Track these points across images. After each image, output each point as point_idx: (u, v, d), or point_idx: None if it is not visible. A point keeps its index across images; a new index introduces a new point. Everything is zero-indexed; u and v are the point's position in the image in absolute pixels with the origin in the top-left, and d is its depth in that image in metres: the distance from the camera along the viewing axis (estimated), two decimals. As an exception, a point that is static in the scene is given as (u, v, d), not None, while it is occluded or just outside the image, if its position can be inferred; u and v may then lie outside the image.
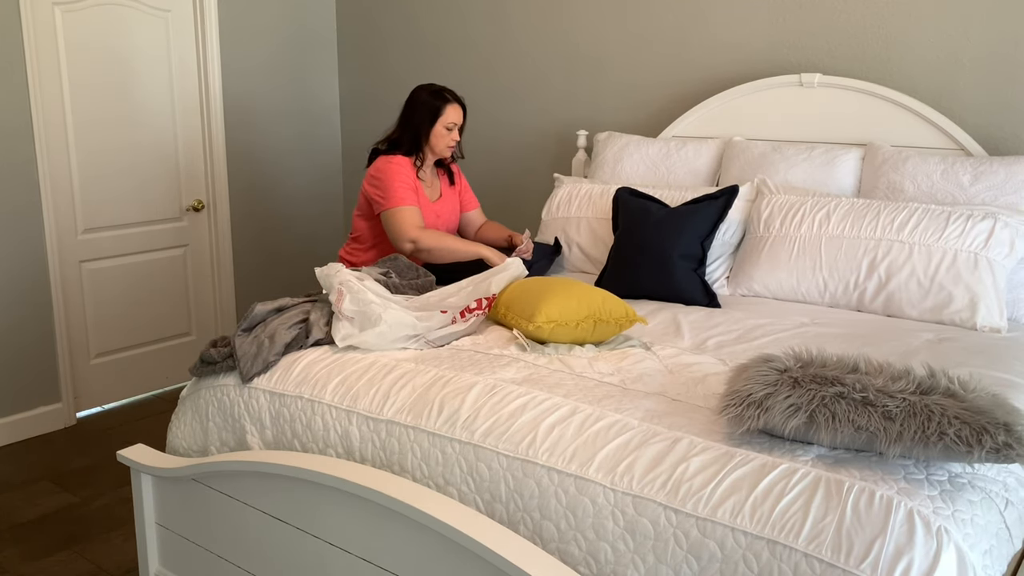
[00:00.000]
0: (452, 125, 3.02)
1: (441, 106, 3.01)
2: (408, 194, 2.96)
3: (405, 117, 3.05)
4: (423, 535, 1.70)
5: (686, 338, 2.38)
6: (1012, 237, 2.59)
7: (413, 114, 3.03)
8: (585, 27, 3.90)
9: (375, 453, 1.99)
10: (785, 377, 1.65)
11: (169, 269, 4.18)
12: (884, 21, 3.17)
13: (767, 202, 2.95)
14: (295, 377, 2.18)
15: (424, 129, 3.02)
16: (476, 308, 2.45)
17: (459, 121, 3.05)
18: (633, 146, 3.49)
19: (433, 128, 3.01)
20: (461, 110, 3.06)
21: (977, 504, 1.53)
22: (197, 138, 4.19)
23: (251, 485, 2.01)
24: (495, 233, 3.27)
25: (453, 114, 3.02)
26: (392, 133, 3.08)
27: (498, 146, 4.27)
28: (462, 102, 3.07)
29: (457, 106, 3.04)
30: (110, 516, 3.04)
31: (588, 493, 1.68)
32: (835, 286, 2.72)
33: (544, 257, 3.16)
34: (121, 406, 4.08)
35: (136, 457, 2.23)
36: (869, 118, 3.14)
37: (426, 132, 3.02)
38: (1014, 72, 2.96)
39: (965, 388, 1.57)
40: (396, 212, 2.94)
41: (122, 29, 3.84)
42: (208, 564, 2.16)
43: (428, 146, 3.05)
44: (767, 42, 3.43)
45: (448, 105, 3.01)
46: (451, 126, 3.02)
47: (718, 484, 1.58)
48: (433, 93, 3.03)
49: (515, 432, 1.82)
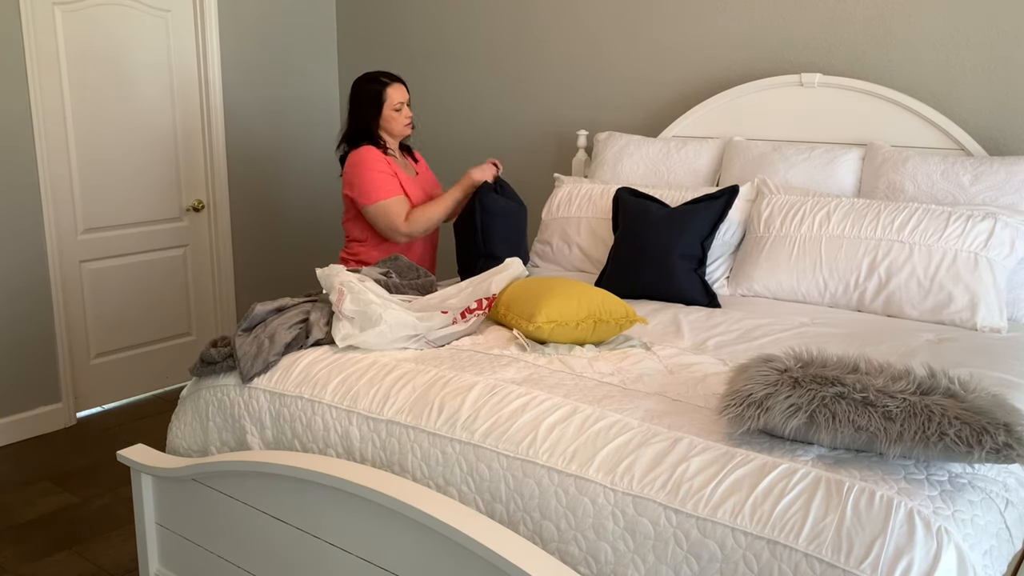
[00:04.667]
0: (399, 104, 3.04)
1: (382, 90, 3.03)
2: (387, 183, 2.97)
3: (352, 112, 3.08)
4: (423, 535, 1.70)
5: (686, 338, 2.38)
6: (1012, 237, 2.59)
7: (359, 107, 3.06)
8: (585, 27, 3.90)
9: (375, 453, 1.99)
10: (785, 377, 1.65)
11: (169, 269, 4.18)
12: (884, 21, 3.17)
13: (767, 202, 2.95)
14: (295, 377, 2.18)
15: (374, 118, 3.04)
16: (476, 308, 2.45)
17: (404, 99, 3.06)
18: (633, 146, 3.49)
19: (382, 114, 3.04)
20: (403, 87, 3.08)
21: (977, 504, 1.53)
22: (197, 138, 4.19)
23: (251, 485, 2.01)
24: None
25: (396, 94, 3.04)
26: (346, 132, 3.11)
27: (498, 146, 4.27)
28: (401, 79, 3.10)
29: (398, 85, 3.06)
30: (110, 516, 3.04)
31: (588, 493, 1.68)
32: (835, 286, 2.72)
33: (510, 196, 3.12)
34: (121, 406, 4.08)
35: (136, 457, 2.23)
36: (869, 118, 3.14)
37: (376, 120, 3.04)
38: (1014, 72, 2.96)
39: (965, 388, 1.57)
40: (380, 207, 2.97)
41: (122, 29, 3.84)
42: (208, 564, 2.16)
43: (385, 132, 3.08)
44: (767, 42, 3.43)
45: (388, 87, 3.03)
46: (399, 106, 3.04)
47: (718, 484, 1.58)
48: (371, 80, 3.06)
49: (515, 432, 1.82)
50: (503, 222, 3.01)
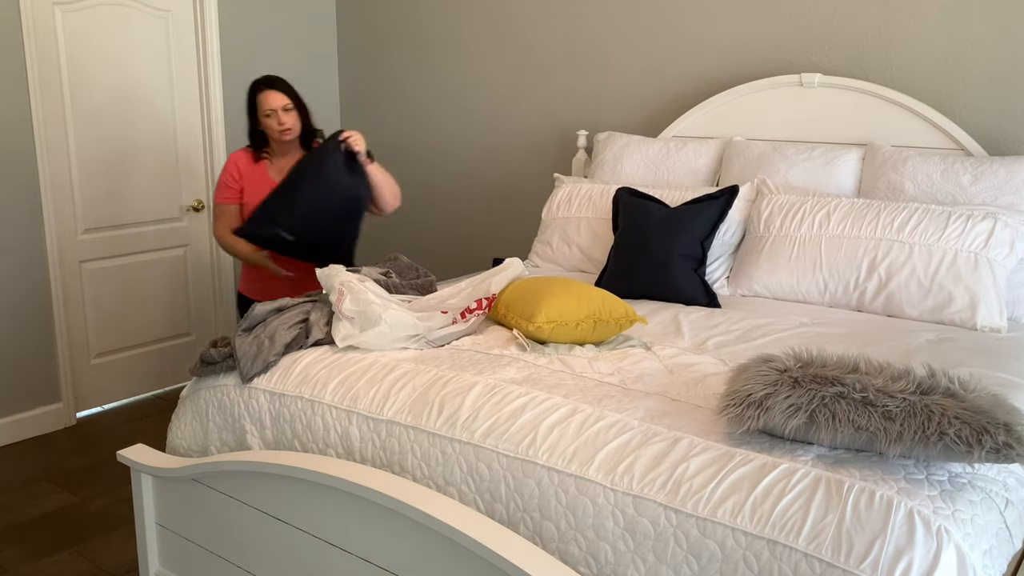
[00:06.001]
0: (269, 111, 2.96)
1: (254, 96, 3.00)
2: (223, 190, 3.06)
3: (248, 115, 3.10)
4: (423, 535, 1.70)
5: (686, 338, 2.38)
6: (1012, 237, 2.59)
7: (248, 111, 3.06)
8: (585, 27, 3.90)
9: (375, 453, 1.99)
10: (785, 377, 1.65)
11: (169, 269, 4.18)
12: (884, 21, 3.17)
13: (767, 202, 2.95)
14: (295, 377, 2.18)
15: (254, 123, 3.04)
16: (476, 308, 2.45)
17: (276, 106, 2.95)
18: (633, 146, 3.49)
19: (258, 119, 3.01)
20: (278, 94, 2.96)
21: (977, 504, 1.53)
22: (197, 138, 4.19)
23: (251, 485, 2.01)
24: None
25: (266, 100, 2.96)
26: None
27: (498, 146, 4.27)
28: (277, 84, 2.98)
29: (270, 91, 2.96)
30: (110, 516, 3.04)
31: (588, 493, 1.68)
32: (835, 286, 2.72)
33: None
34: (121, 406, 4.08)
35: (136, 457, 2.23)
36: (869, 118, 3.14)
37: (256, 124, 3.04)
38: (1014, 72, 2.96)
39: (965, 388, 1.57)
40: (216, 208, 3.10)
41: (122, 29, 3.84)
42: (208, 564, 2.16)
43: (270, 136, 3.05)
44: (767, 42, 3.43)
45: (260, 93, 2.98)
46: (268, 112, 2.96)
47: (718, 484, 1.58)
48: (252, 85, 3.01)
49: (515, 432, 1.82)
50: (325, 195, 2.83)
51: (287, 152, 3.08)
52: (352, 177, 2.88)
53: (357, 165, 2.90)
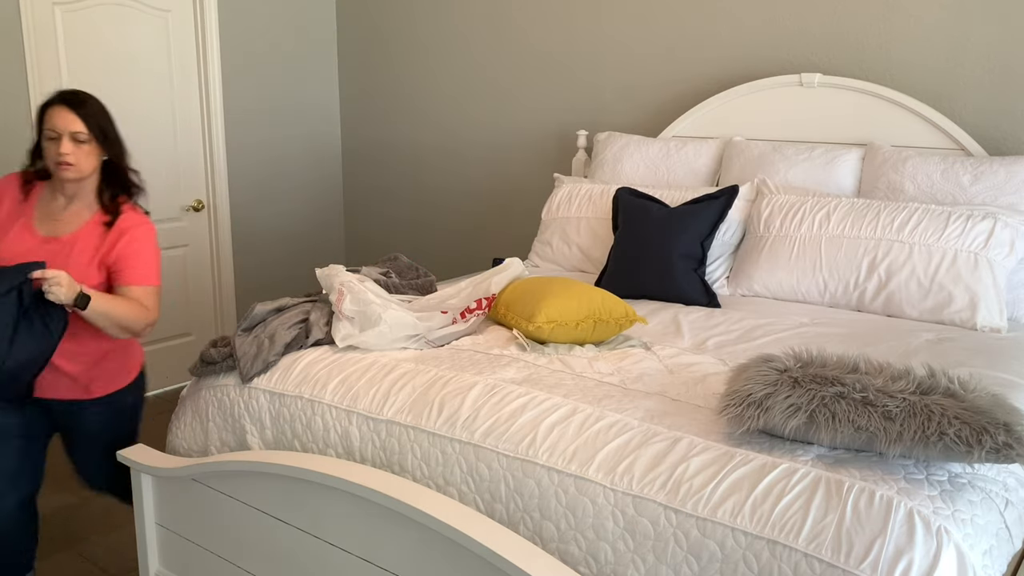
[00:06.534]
0: (54, 133, 2.14)
1: (42, 111, 2.18)
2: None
3: None
4: (423, 535, 1.70)
5: (686, 338, 2.38)
6: (1012, 237, 2.59)
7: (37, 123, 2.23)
8: (585, 27, 3.90)
9: (375, 453, 1.99)
10: (785, 377, 1.65)
11: (169, 269, 4.17)
12: (884, 21, 3.17)
13: (767, 202, 2.95)
14: (295, 377, 2.18)
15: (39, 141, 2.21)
16: (476, 308, 2.45)
17: (63, 128, 2.13)
18: (633, 146, 3.49)
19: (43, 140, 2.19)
20: (70, 113, 2.14)
21: (977, 504, 1.53)
22: (197, 138, 4.19)
23: (251, 485, 2.00)
24: None
25: (51, 119, 2.15)
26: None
27: (498, 146, 4.27)
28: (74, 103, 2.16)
29: (60, 108, 2.15)
30: (110, 516, 3.04)
31: (588, 493, 1.68)
32: (835, 286, 2.72)
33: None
34: (121, 406, 4.07)
35: (136, 457, 2.23)
36: (869, 118, 3.14)
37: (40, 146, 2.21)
38: (1014, 72, 2.96)
39: (965, 388, 1.57)
40: None
41: (122, 29, 3.84)
42: (208, 564, 2.16)
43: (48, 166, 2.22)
44: (767, 42, 3.43)
45: (48, 108, 2.17)
46: (53, 134, 2.14)
47: (718, 484, 1.58)
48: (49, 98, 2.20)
49: (515, 432, 1.82)
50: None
51: (74, 196, 2.24)
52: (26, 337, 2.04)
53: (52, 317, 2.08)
